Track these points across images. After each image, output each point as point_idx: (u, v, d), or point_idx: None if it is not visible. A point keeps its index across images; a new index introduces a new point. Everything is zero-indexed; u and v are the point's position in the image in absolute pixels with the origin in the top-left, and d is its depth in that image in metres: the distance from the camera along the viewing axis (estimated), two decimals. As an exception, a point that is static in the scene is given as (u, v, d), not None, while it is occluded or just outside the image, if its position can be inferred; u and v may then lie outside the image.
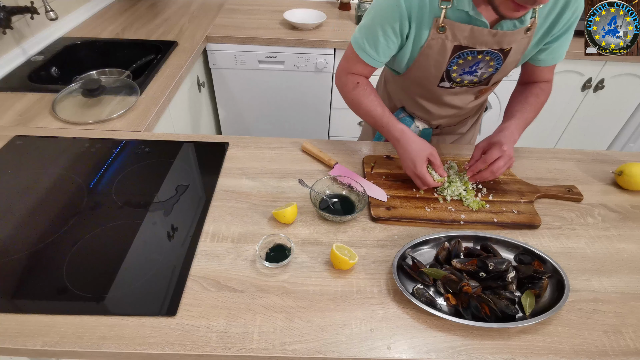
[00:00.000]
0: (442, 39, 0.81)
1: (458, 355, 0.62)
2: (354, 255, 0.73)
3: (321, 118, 2.05)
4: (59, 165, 0.95)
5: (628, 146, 2.18)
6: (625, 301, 0.71)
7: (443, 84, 0.93)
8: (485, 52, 0.84)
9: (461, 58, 0.85)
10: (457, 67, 0.87)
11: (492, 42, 0.82)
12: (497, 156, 0.84)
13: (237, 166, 0.97)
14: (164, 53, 1.51)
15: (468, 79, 0.91)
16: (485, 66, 0.88)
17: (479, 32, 0.80)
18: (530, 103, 0.95)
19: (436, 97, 0.99)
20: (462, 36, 0.81)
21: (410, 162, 0.86)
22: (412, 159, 0.85)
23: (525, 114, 0.93)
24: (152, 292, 0.68)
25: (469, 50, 0.83)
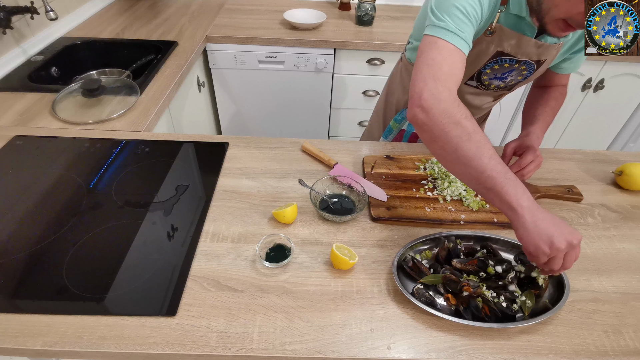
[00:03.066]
0: (487, 42, 0.80)
1: (458, 355, 0.62)
2: (354, 255, 0.73)
3: (321, 118, 2.05)
4: (59, 165, 0.95)
5: (628, 146, 2.18)
6: (625, 301, 0.71)
7: (470, 82, 0.93)
8: (522, 62, 0.84)
9: (497, 64, 0.85)
10: (491, 71, 0.87)
11: (533, 54, 0.82)
12: (530, 160, 0.85)
13: (237, 166, 0.97)
14: (164, 53, 1.51)
15: (496, 83, 0.92)
16: (517, 74, 0.88)
17: (526, 42, 0.79)
18: (551, 106, 0.96)
19: (459, 94, 0.97)
20: (507, 43, 0.80)
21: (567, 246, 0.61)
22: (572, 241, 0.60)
23: (548, 118, 0.95)
24: (152, 292, 0.68)
25: (509, 57, 0.83)
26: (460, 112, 0.65)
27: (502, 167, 0.64)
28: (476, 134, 0.64)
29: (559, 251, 0.60)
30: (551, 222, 0.61)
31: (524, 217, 0.61)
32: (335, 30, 1.81)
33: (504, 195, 0.62)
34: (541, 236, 0.60)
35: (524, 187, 0.63)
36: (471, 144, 0.64)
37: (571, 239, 0.60)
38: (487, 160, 0.63)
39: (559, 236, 0.60)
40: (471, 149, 0.64)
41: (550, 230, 0.60)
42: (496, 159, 0.64)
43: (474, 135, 0.64)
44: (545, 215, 0.62)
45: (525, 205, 0.61)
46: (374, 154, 1.03)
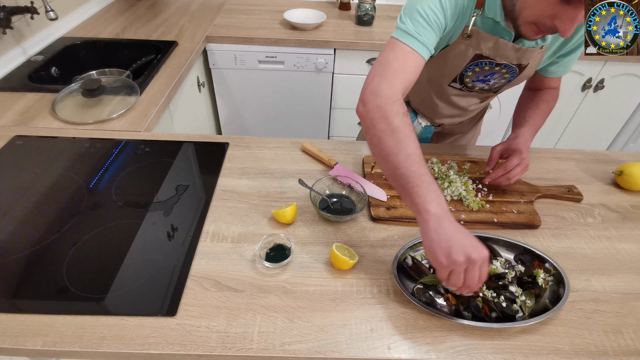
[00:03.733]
0: (466, 45, 0.81)
1: (458, 355, 0.62)
2: (354, 255, 0.73)
3: (321, 118, 2.05)
4: (59, 165, 0.95)
5: (628, 146, 2.19)
6: (625, 301, 0.71)
7: (454, 84, 0.93)
8: (503, 65, 0.84)
9: (478, 66, 0.85)
10: (472, 73, 0.87)
11: (512, 57, 0.82)
12: (516, 163, 0.85)
13: (237, 166, 0.97)
14: (164, 53, 1.51)
15: (479, 86, 0.92)
16: (499, 77, 0.88)
17: (503, 46, 0.79)
18: (541, 109, 0.96)
19: (444, 95, 0.99)
20: (485, 47, 0.80)
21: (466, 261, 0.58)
22: (472, 256, 0.58)
23: (537, 121, 0.94)
24: (152, 292, 0.68)
25: (488, 60, 0.83)
26: (392, 108, 0.67)
27: (419, 167, 0.63)
28: (400, 131, 0.65)
29: (456, 264, 0.57)
30: (455, 233, 0.58)
31: (428, 223, 0.60)
32: (335, 30, 1.81)
33: (414, 196, 0.62)
34: (440, 245, 0.58)
35: (438, 192, 0.61)
36: (391, 140, 0.65)
37: (470, 253, 0.57)
38: (403, 157, 0.63)
39: (458, 248, 0.57)
40: (390, 144, 0.65)
41: (450, 241, 0.58)
42: (414, 159, 0.63)
43: (397, 131, 0.65)
44: (452, 225, 0.59)
45: (432, 211, 0.60)
46: (374, 154, 1.03)
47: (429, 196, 0.61)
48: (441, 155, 1.01)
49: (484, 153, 1.05)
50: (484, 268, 0.59)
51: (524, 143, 0.89)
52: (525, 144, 0.89)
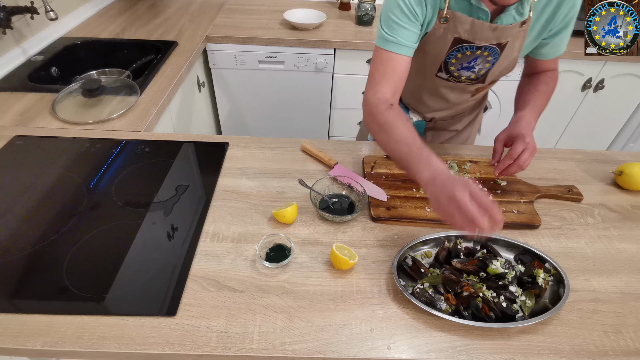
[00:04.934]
0: (444, 29, 0.82)
1: (458, 355, 0.62)
2: (354, 255, 0.73)
3: (321, 118, 2.05)
4: (59, 165, 0.95)
5: (628, 146, 2.18)
6: (625, 301, 0.71)
7: (441, 74, 0.93)
8: (483, 48, 0.84)
9: (460, 52, 0.85)
10: (456, 60, 0.88)
11: (491, 37, 0.82)
12: (521, 149, 0.81)
13: (237, 166, 0.97)
14: (164, 53, 1.51)
15: (466, 74, 0.92)
16: (482, 61, 0.88)
17: (480, 27, 0.80)
18: (540, 90, 0.94)
19: (433, 87, 0.99)
20: (462, 29, 0.81)
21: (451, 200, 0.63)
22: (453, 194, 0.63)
23: (539, 101, 0.92)
24: (152, 292, 0.68)
25: (469, 44, 0.83)
26: (377, 109, 0.81)
27: (407, 147, 0.74)
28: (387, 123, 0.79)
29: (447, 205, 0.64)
30: (442, 184, 0.66)
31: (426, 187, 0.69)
32: (335, 30, 1.81)
33: (410, 172, 0.72)
34: (436, 199, 0.67)
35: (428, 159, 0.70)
36: (382, 135, 0.79)
37: (454, 193, 0.63)
38: (393, 145, 0.77)
39: (446, 192, 0.64)
40: (382, 138, 0.80)
41: (440, 191, 0.66)
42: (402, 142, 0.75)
43: (384, 127, 0.79)
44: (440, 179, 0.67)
45: (424, 177, 0.69)
46: (374, 154, 1.03)
47: (419, 166, 0.70)
48: (441, 155, 1.01)
49: (484, 153, 1.05)
50: (477, 195, 0.62)
51: (527, 125, 0.86)
52: (529, 125, 0.86)
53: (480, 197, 0.62)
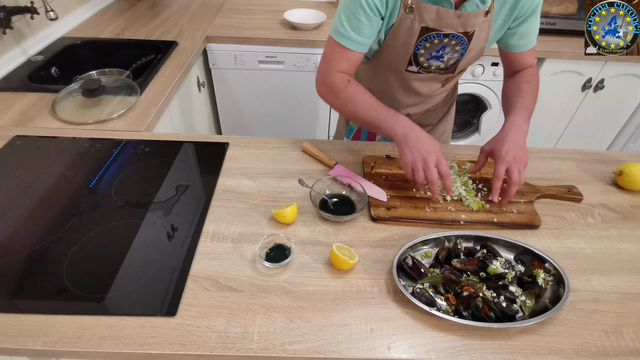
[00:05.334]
0: (411, 19, 0.83)
1: (458, 355, 0.62)
2: (354, 255, 0.73)
3: (321, 118, 2.05)
4: (59, 165, 0.95)
5: (628, 146, 2.19)
6: (625, 301, 0.71)
7: (411, 67, 0.93)
8: (451, 36, 0.85)
9: (428, 41, 0.86)
10: (425, 50, 0.88)
11: (457, 25, 0.83)
12: (503, 168, 0.81)
13: (237, 166, 0.97)
14: (164, 53, 1.51)
15: (435, 64, 0.92)
16: (451, 51, 0.89)
17: (445, 14, 0.81)
18: (524, 90, 0.93)
19: (404, 82, 1.00)
20: (428, 17, 0.82)
21: (421, 160, 0.78)
22: (424, 156, 0.78)
23: (525, 102, 0.91)
24: (152, 292, 0.68)
25: (436, 33, 0.84)
26: (339, 87, 0.87)
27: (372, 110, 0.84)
28: (343, 91, 0.87)
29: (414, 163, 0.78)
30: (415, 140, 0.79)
31: (398, 139, 0.81)
32: (335, 30, 1.81)
33: (383, 129, 0.83)
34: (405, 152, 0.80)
35: (396, 117, 0.82)
36: (344, 103, 0.88)
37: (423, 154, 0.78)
38: (360, 111, 0.86)
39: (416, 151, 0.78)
40: (346, 108, 0.88)
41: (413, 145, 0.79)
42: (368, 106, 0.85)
43: (341, 93, 0.87)
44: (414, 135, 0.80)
45: (399, 133, 0.81)
46: (374, 154, 1.03)
47: (391, 123, 0.82)
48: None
49: (484, 153, 1.05)
50: (441, 166, 0.78)
51: (517, 132, 0.84)
52: (520, 130, 0.84)
53: (444, 165, 0.78)
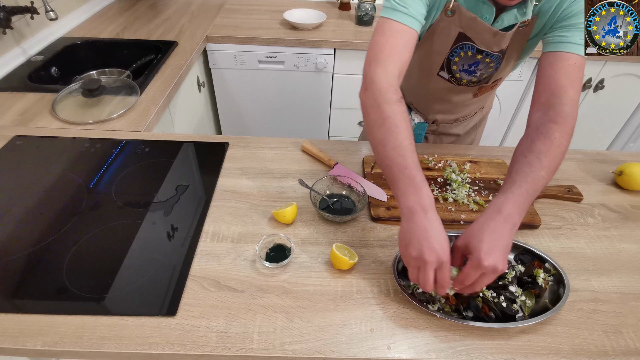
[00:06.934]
0: (448, 22, 0.81)
1: (458, 355, 0.62)
2: (354, 255, 0.73)
3: (321, 118, 2.05)
4: (59, 165, 0.95)
5: (628, 146, 2.19)
6: (625, 301, 0.71)
7: (442, 73, 0.92)
8: (484, 54, 0.84)
9: (463, 50, 0.84)
10: (459, 59, 0.86)
11: (491, 43, 0.82)
12: (474, 278, 0.59)
13: (237, 166, 0.97)
14: (164, 53, 1.51)
15: (467, 78, 0.91)
16: (484, 67, 0.88)
17: (482, 27, 0.79)
18: (535, 151, 0.67)
19: (434, 87, 0.98)
20: (466, 24, 0.80)
21: (417, 257, 0.59)
22: (424, 255, 0.58)
23: (531, 176, 0.65)
24: (152, 292, 0.68)
25: (471, 44, 0.82)
26: (385, 96, 0.67)
27: (404, 160, 0.63)
28: (391, 119, 0.65)
29: (410, 258, 0.60)
30: (421, 229, 0.59)
31: (403, 215, 0.62)
32: (335, 30, 1.81)
33: (395, 188, 0.64)
34: (404, 237, 0.61)
35: (419, 186, 0.61)
36: (381, 130, 0.66)
37: (423, 253, 0.57)
38: (390, 149, 0.64)
39: (415, 244, 0.59)
40: (379, 135, 0.66)
41: (413, 236, 0.59)
42: (400, 151, 0.63)
43: (387, 121, 0.65)
44: (423, 221, 0.59)
45: (407, 205, 0.61)
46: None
47: (408, 190, 0.62)
48: (441, 156, 1.01)
49: (485, 153, 1.05)
50: (441, 272, 0.59)
51: (503, 222, 0.61)
52: (507, 221, 0.61)
53: (444, 274, 0.59)
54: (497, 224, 0.61)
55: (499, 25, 0.80)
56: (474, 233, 0.61)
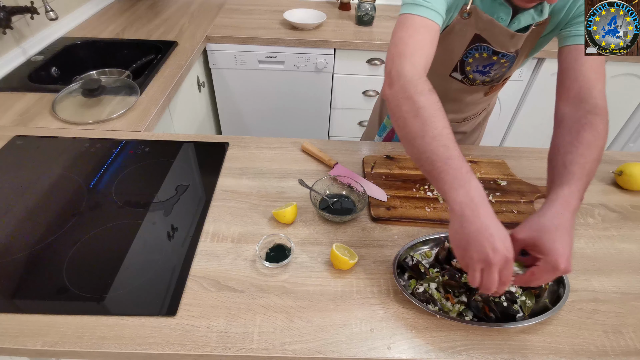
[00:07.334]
0: (464, 24, 0.80)
1: (458, 355, 0.62)
2: (354, 255, 0.73)
3: (321, 118, 2.05)
4: (59, 165, 0.95)
5: (628, 146, 2.18)
6: (625, 301, 0.71)
7: (455, 74, 0.91)
8: (501, 55, 0.83)
9: (478, 52, 0.83)
10: (473, 60, 0.85)
11: (509, 45, 0.81)
12: (548, 280, 0.59)
13: (237, 166, 0.97)
14: (164, 53, 1.51)
15: (480, 78, 0.91)
16: (499, 67, 0.88)
17: (499, 31, 0.79)
18: (585, 142, 0.66)
19: (446, 88, 0.97)
20: (483, 27, 0.79)
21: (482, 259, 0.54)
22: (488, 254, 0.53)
23: (587, 167, 0.64)
24: (152, 292, 0.68)
25: (487, 46, 0.81)
26: (416, 87, 0.63)
27: (446, 150, 0.57)
28: (426, 109, 0.61)
29: (472, 261, 0.54)
30: (478, 230, 0.53)
31: (453, 212, 0.56)
32: (335, 30, 1.81)
33: (440, 182, 0.57)
34: (461, 239, 0.55)
35: (467, 177, 0.56)
36: (417, 121, 0.61)
37: (488, 254, 0.52)
38: (429, 139, 0.59)
39: (477, 246, 0.53)
40: (415, 127, 0.61)
41: (471, 237, 0.54)
42: (441, 141, 0.58)
43: (422, 111, 0.61)
44: (478, 219, 0.54)
45: (458, 200, 0.55)
46: (374, 154, 1.03)
47: (455, 183, 0.56)
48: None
49: (485, 153, 1.05)
50: (506, 270, 0.54)
51: (571, 216, 0.59)
52: (573, 213, 0.60)
53: (509, 272, 0.54)
54: (567, 220, 0.58)
55: (516, 26, 0.80)
56: (544, 228, 0.58)
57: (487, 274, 0.54)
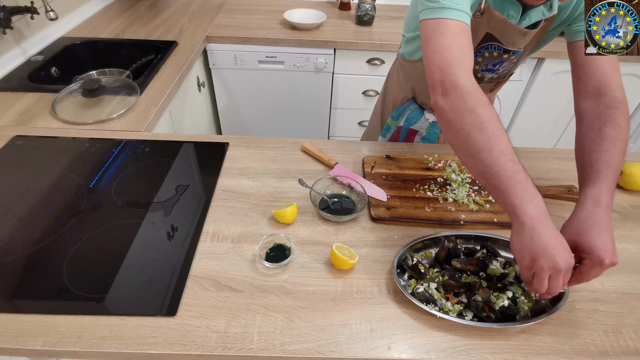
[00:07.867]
0: (477, 23, 0.79)
1: (458, 355, 0.62)
2: (354, 255, 0.73)
3: (321, 118, 2.05)
4: (59, 165, 0.95)
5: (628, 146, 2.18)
6: (625, 301, 0.71)
7: None
8: (511, 52, 0.83)
9: (488, 51, 0.83)
10: (482, 59, 0.85)
11: (521, 42, 0.81)
12: (597, 275, 0.61)
13: (237, 166, 0.97)
14: (164, 53, 1.51)
15: (488, 76, 0.90)
16: (508, 64, 0.88)
17: (511, 30, 0.78)
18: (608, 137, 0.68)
19: None
20: (495, 26, 0.79)
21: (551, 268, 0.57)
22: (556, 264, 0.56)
23: (613, 162, 0.66)
24: (152, 292, 0.68)
25: (498, 45, 0.81)
26: (477, 99, 0.63)
27: (513, 165, 0.59)
28: (490, 123, 0.61)
29: (542, 270, 0.57)
30: (548, 240, 0.57)
31: (524, 226, 0.58)
32: (335, 30, 1.81)
33: (509, 197, 0.59)
34: (532, 249, 0.57)
35: (534, 191, 0.59)
36: (482, 135, 0.61)
37: (557, 262, 0.56)
38: (497, 154, 0.60)
39: (547, 256, 0.56)
40: (481, 140, 0.61)
41: (542, 247, 0.56)
42: (508, 155, 0.60)
43: (487, 124, 0.61)
44: (546, 231, 0.57)
45: (529, 214, 0.58)
46: (374, 154, 1.03)
47: (526, 197, 0.58)
48: (442, 155, 1.01)
49: (484, 153, 1.05)
50: (568, 275, 0.59)
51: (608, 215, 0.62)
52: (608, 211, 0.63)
53: (568, 275, 0.59)
54: (601, 217, 0.61)
55: (526, 23, 0.80)
56: (582, 230, 0.61)
57: (555, 280, 0.58)
